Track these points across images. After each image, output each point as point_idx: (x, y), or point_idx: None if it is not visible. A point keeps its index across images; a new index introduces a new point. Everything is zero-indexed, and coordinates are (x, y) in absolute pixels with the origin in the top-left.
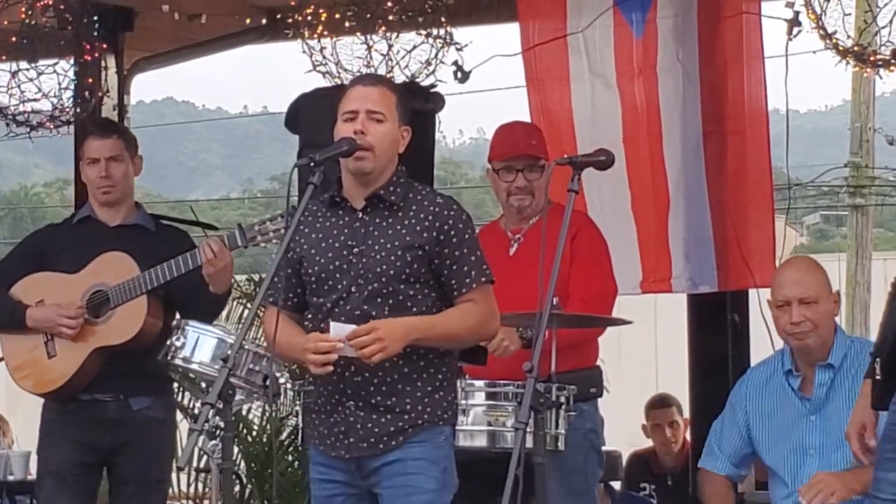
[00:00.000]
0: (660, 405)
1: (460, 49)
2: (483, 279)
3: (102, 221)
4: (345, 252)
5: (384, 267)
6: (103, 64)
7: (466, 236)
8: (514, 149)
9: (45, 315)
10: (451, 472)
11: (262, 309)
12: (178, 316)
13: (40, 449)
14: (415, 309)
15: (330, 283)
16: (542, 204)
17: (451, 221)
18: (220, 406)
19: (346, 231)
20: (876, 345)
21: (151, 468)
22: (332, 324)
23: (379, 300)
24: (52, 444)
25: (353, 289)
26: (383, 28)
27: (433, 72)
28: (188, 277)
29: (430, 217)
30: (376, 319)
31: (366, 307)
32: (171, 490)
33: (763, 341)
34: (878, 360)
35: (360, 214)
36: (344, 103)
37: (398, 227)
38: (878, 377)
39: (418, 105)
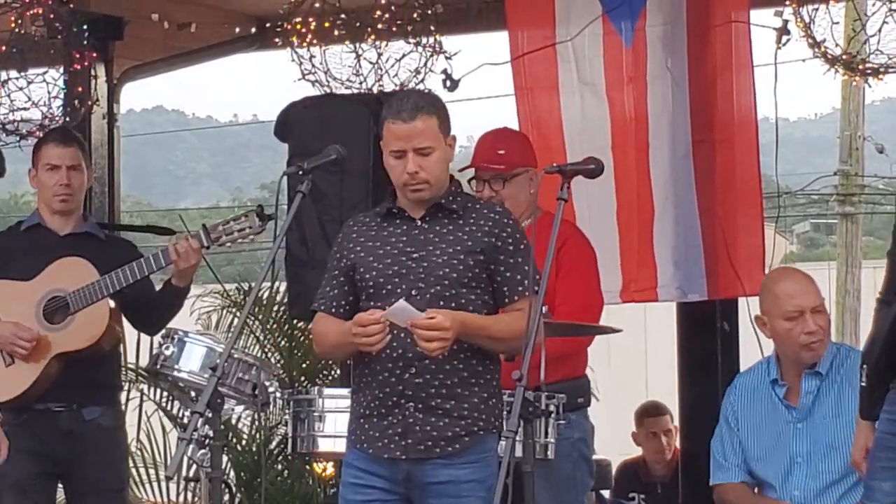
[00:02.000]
0: (655, 413)
1: (449, 57)
2: (534, 289)
3: (52, 230)
4: (403, 258)
5: (446, 270)
6: (93, 73)
7: (522, 246)
8: (475, 160)
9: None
10: (494, 487)
11: (251, 318)
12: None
13: None
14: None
15: (388, 287)
16: (518, 212)
17: (508, 230)
18: (209, 415)
19: (404, 238)
20: (862, 353)
21: (109, 478)
22: (399, 302)
23: (441, 304)
24: (8, 457)
25: (413, 293)
26: (372, 37)
27: (422, 80)
28: (140, 285)
29: (489, 223)
30: None
31: (427, 310)
32: (161, 499)
33: (752, 349)
34: (864, 366)
35: (419, 223)
36: (388, 137)
37: (459, 234)
38: (863, 384)
39: None
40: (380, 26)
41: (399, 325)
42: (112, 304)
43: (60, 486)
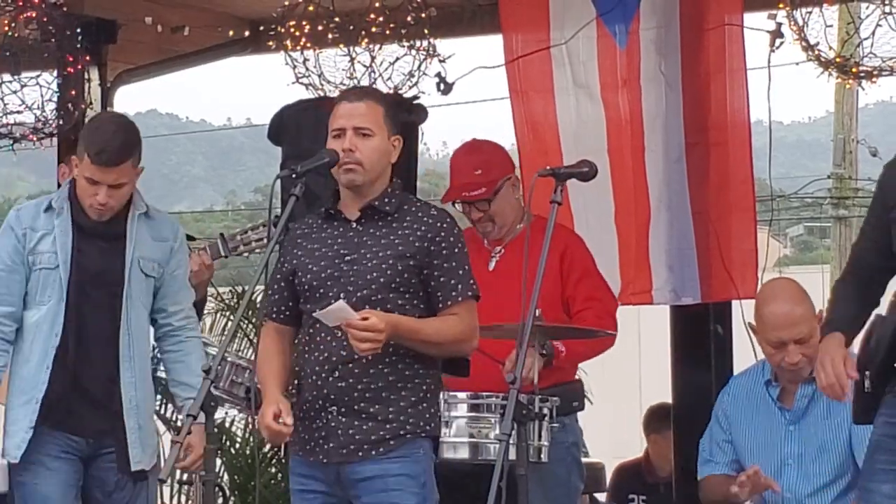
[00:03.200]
0: None
1: (443, 61)
2: (469, 293)
3: None
4: (336, 261)
5: (375, 275)
6: (87, 76)
7: (456, 250)
8: (454, 191)
9: None
10: (431, 487)
11: (244, 321)
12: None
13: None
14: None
15: (321, 290)
16: (509, 221)
17: (443, 234)
18: (203, 418)
19: (339, 241)
20: (866, 358)
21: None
22: (339, 303)
23: (367, 308)
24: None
25: (342, 296)
26: (366, 40)
27: (416, 83)
28: None
29: (422, 227)
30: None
31: None
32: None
33: (746, 352)
34: (867, 372)
35: (355, 225)
36: (332, 120)
37: (391, 238)
38: (867, 390)
39: (401, 117)
40: (373, 29)
41: (330, 324)
42: None
43: None
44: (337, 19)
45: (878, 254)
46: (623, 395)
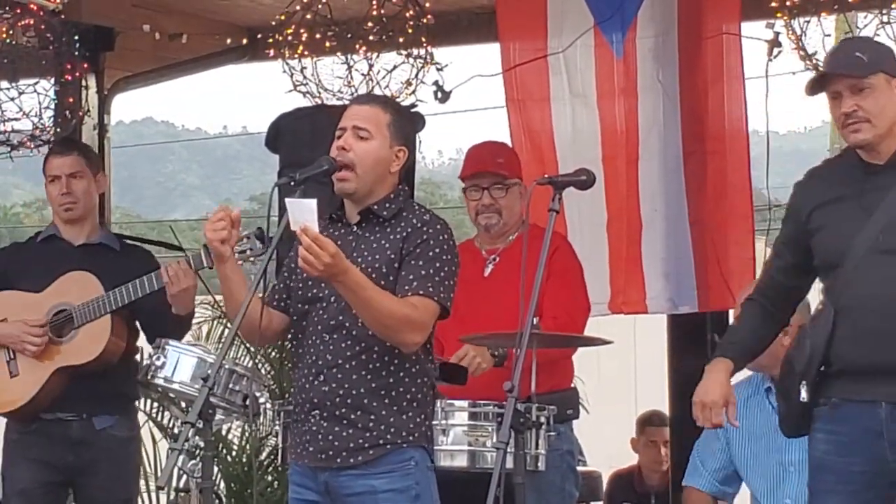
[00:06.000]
0: (658, 423)
1: (440, 69)
2: (422, 292)
3: (66, 240)
4: None
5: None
6: (84, 83)
7: (431, 253)
8: (477, 165)
9: (10, 331)
10: (425, 497)
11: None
12: (143, 336)
13: (5, 469)
14: None
15: (314, 290)
16: (511, 223)
17: (424, 236)
18: (201, 425)
19: (338, 243)
20: (803, 368)
21: (118, 488)
22: (311, 201)
23: (354, 311)
24: (17, 465)
25: (332, 299)
26: (364, 48)
27: (413, 92)
28: (153, 298)
29: (408, 229)
30: (350, 330)
31: (341, 318)
32: None
33: None
34: (803, 382)
35: (355, 228)
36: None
37: (383, 242)
38: (804, 400)
39: (409, 128)
40: (371, 38)
41: (291, 223)
42: (119, 317)
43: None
44: (335, 27)
45: (788, 273)
46: (619, 404)
